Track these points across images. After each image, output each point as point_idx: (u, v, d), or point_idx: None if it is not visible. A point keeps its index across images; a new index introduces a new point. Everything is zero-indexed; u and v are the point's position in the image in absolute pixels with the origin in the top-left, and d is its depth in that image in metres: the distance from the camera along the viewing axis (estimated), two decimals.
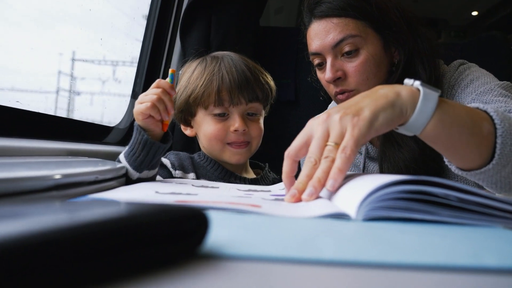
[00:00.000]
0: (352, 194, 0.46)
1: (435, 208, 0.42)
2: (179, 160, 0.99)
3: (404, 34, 0.93)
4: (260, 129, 1.02)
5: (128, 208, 0.24)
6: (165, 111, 0.77)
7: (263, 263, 0.25)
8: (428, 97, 0.57)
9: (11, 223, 0.19)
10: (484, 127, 0.60)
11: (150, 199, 0.49)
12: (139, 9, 1.49)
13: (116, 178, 0.68)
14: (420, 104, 0.56)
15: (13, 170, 0.48)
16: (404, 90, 0.58)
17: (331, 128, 0.55)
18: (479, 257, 0.27)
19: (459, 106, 0.61)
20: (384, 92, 0.58)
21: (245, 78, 0.96)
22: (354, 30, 0.91)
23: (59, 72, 1.30)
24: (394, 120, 0.56)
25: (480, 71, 0.95)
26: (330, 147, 0.53)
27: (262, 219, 0.39)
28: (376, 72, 0.94)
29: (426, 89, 0.57)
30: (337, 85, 0.97)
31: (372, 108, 0.55)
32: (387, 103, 0.56)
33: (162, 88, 0.77)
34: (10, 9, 0.96)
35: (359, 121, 0.53)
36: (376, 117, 0.54)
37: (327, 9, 0.93)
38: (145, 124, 0.77)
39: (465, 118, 0.59)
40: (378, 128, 0.55)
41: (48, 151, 0.77)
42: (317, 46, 0.95)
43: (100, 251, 0.20)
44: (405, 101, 0.57)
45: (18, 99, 0.86)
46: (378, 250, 0.28)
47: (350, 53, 0.92)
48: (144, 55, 1.46)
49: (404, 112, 0.57)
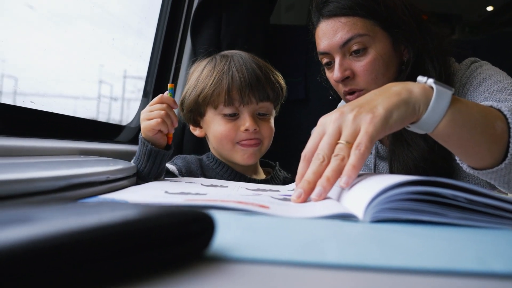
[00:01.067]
0: (360, 195, 0.46)
1: (444, 210, 0.41)
2: (187, 164, 0.98)
3: (413, 32, 0.92)
4: (271, 129, 1.01)
5: (135, 211, 0.24)
6: (172, 125, 0.82)
7: (268, 266, 0.25)
8: (442, 96, 0.56)
9: (21, 228, 0.20)
10: (498, 126, 0.60)
11: (159, 199, 0.50)
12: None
13: (127, 177, 0.69)
14: (433, 102, 0.56)
15: (26, 171, 0.49)
16: (416, 87, 0.58)
17: (344, 126, 0.54)
18: (485, 262, 0.27)
19: (473, 105, 0.60)
20: (397, 90, 0.57)
21: (255, 77, 0.95)
22: (362, 29, 0.91)
23: (100, 82, 1.36)
24: (408, 118, 0.56)
25: (493, 69, 0.94)
26: (341, 145, 0.53)
27: (268, 221, 0.40)
28: (385, 71, 0.93)
29: (439, 87, 0.57)
30: (346, 85, 0.96)
31: (386, 106, 0.54)
32: (400, 100, 0.56)
33: (166, 103, 0.81)
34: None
35: (373, 118, 0.53)
36: (391, 114, 0.54)
37: (335, 9, 0.93)
38: (153, 138, 0.81)
39: (478, 116, 0.59)
40: (392, 126, 0.54)
41: (61, 150, 0.78)
42: (325, 46, 0.95)
43: (107, 254, 0.20)
44: (418, 99, 0.56)
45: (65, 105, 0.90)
46: (382, 253, 0.28)
47: (358, 52, 0.92)
48: (155, 54, 1.47)
49: (417, 110, 0.56)
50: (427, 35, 0.94)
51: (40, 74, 1.04)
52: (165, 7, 1.50)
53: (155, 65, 1.46)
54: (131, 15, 1.47)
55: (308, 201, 0.53)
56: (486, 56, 1.06)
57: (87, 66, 1.24)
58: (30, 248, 0.17)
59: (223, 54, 1.03)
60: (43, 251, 0.18)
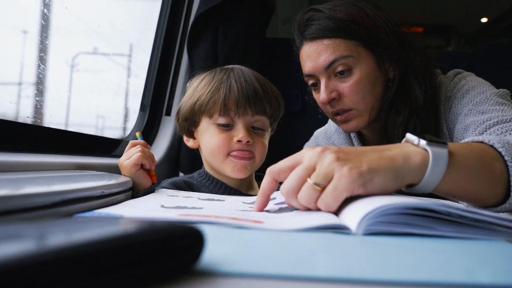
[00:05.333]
0: (355, 209, 0.46)
1: (436, 224, 0.42)
2: (175, 188, 0.94)
3: (396, 50, 0.92)
4: (264, 145, 0.98)
5: (124, 226, 0.24)
6: (151, 160, 0.84)
7: (257, 280, 0.26)
8: (438, 159, 0.51)
9: (9, 245, 0.20)
10: (496, 168, 0.57)
11: (153, 214, 0.50)
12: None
13: (123, 192, 0.69)
14: (430, 168, 0.51)
15: (20, 187, 0.49)
16: (417, 156, 0.52)
17: (318, 165, 0.50)
18: (474, 274, 0.27)
19: (469, 154, 0.56)
20: (393, 155, 0.51)
21: (253, 90, 0.93)
22: (346, 51, 0.91)
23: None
24: (390, 187, 0.50)
25: (476, 80, 0.94)
26: (308, 185, 0.50)
27: (260, 234, 0.40)
28: (372, 89, 0.94)
29: (434, 149, 0.52)
30: (333, 106, 0.96)
31: (371, 166, 0.49)
32: (390, 167, 0.50)
33: (138, 144, 0.85)
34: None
35: (351, 170, 0.48)
36: (372, 177, 0.48)
37: (317, 31, 0.93)
38: (137, 176, 0.81)
39: (477, 164, 0.55)
40: (368, 188, 0.48)
41: (57, 165, 0.78)
42: (310, 68, 0.96)
43: (95, 270, 0.21)
44: (412, 169, 0.51)
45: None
46: (372, 266, 0.28)
47: (343, 73, 0.92)
48: (152, 68, 1.48)
49: (407, 180, 0.51)
50: (411, 51, 0.94)
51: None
52: (162, 21, 1.52)
53: (152, 79, 1.47)
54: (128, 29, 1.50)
55: (303, 213, 0.53)
56: (482, 67, 1.07)
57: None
58: (15, 265, 0.18)
59: (224, 67, 1.02)
60: (30, 268, 0.18)
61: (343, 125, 1.00)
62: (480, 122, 0.82)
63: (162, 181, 1.00)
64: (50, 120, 1.04)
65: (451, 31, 4.68)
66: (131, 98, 1.55)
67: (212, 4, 1.46)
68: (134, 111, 1.48)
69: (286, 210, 0.56)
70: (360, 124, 0.98)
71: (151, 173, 0.84)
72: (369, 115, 0.96)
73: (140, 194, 0.79)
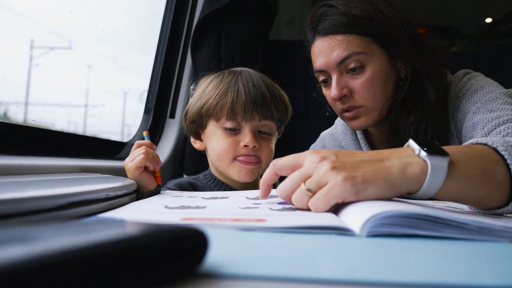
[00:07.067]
0: (358, 211, 0.46)
1: (441, 227, 0.42)
2: (180, 189, 0.95)
3: (409, 49, 0.92)
4: (271, 150, 0.98)
5: (128, 229, 0.25)
6: (156, 162, 0.83)
7: (261, 282, 0.26)
8: (437, 173, 0.51)
9: (17, 248, 0.20)
10: (498, 173, 0.55)
11: (157, 216, 0.50)
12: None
13: (128, 194, 0.70)
14: (428, 180, 0.51)
15: (25, 190, 0.50)
16: (414, 167, 0.51)
17: (314, 173, 0.52)
18: (477, 275, 0.27)
19: (470, 162, 0.55)
20: (390, 165, 0.52)
21: (261, 94, 0.93)
22: (359, 47, 0.91)
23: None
24: (385, 196, 0.51)
25: (485, 80, 0.94)
26: (301, 189, 0.52)
27: (263, 236, 0.40)
28: (383, 87, 0.94)
29: (434, 163, 0.51)
30: (344, 103, 0.96)
31: (366, 177, 0.50)
32: (386, 179, 0.50)
33: (143, 145, 0.84)
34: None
35: (343, 182, 0.49)
36: (365, 187, 0.49)
37: (330, 26, 0.93)
38: (141, 178, 0.81)
39: (478, 171, 0.54)
40: (362, 198, 0.50)
41: (61, 168, 0.79)
42: (322, 64, 0.95)
43: (99, 273, 0.21)
44: (410, 180, 0.51)
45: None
46: (374, 268, 0.28)
47: (355, 69, 0.92)
48: (156, 72, 1.49)
49: (403, 190, 0.52)
50: (424, 51, 0.94)
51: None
52: (166, 25, 1.53)
53: (156, 83, 1.48)
54: (133, 32, 1.51)
55: (305, 213, 0.53)
56: (486, 68, 1.07)
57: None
58: (21, 268, 0.18)
59: (232, 69, 1.02)
60: (35, 271, 0.18)
61: (351, 122, 1.00)
62: (489, 120, 0.81)
63: (168, 182, 1.00)
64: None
65: (455, 32, 4.66)
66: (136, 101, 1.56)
67: (215, 7, 1.47)
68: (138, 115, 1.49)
69: (289, 210, 0.56)
70: (369, 122, 0.98)
71: (156, 175, 0.84)
72: (378, 113, 0.96)
73: (145, 196, 0.79)
